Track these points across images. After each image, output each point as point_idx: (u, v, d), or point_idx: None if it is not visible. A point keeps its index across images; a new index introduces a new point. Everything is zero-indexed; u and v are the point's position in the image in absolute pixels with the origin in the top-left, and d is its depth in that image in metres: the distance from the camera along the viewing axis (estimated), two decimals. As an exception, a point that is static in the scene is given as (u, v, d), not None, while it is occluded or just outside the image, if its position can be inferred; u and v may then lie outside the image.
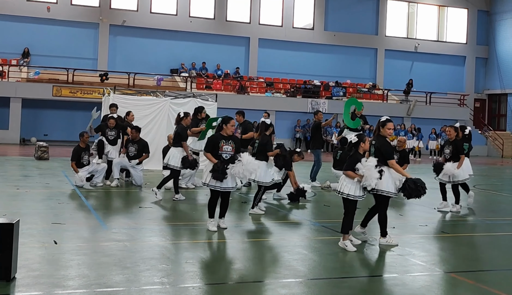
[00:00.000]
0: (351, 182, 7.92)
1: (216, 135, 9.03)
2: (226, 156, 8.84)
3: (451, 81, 39.90)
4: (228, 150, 8.86)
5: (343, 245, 7.90)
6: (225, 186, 8.78)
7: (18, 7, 31.00)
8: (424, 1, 39.41)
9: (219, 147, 8.83)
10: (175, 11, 33.97)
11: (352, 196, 7.91)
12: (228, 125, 8.91)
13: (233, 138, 9.01)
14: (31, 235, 8.00)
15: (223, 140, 8.87)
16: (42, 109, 30.16)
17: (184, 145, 11.80)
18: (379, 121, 8.50)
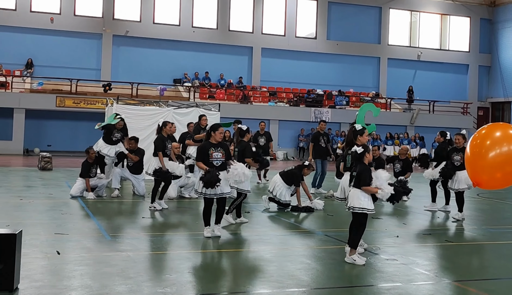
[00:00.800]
0: (362, 195, 7.69)
1: (204, 143, 9.09)
2: (217, 163, 8.91)
3: (454, 89, 39.91)
4: (218, 157, 8.94)
5: (351, 260, 7.69)
6: (218, 192, 8.84)
7: (22, 18, 31.14)
8: (427, 9, 39.49)
9: (209, 155, 8.88)
10: (178, 22, 34.08)
11: (366, 210, 7.72)
12: (217, 132, 9.01)
13: (222, 145, 9.10)
14: (34, 245, 8.00)
15: (212, 148, 8.96)
16: (45, 120, 30.22)
17: (159, 155, 11.75)
18: (355, 130, 8.19)
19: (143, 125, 17.35)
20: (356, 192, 7.71)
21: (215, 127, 9.10)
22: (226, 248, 8.56)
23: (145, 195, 13.74)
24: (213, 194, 8.84)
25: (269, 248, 8.72)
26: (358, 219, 7.78)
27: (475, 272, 7.77)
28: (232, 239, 9.20)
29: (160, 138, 11.93)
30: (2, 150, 27.79)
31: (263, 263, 7.65)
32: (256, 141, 17.95)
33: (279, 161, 30.80)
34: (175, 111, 18.08)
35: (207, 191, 8.80)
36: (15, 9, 31.21)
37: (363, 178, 7.64)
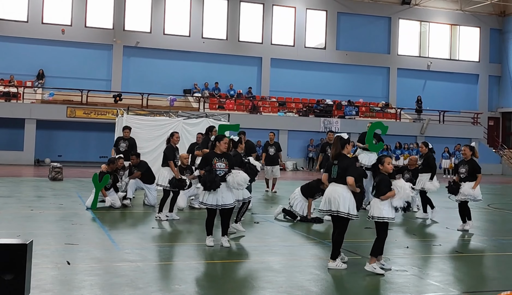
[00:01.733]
0: (383, 204, 7.84)
1: (208, 153, 9.19)
2: (220, 173, 8.95)
3: (465, 99, 39.80)
4: (221, 167, 8.98)
5: (371, 268, 7.73)
6: (218, 202, 8.89)
7: (33, 29, 31.43)
8: (436, 20, 39.48)
9: (212, 164, 8.92)
10: (188, 33, 34.27)
11: (386, 219, 7.85)
12: (221, 142, 9.09)
13: (226, 156, 9.14)
14: (45, 255, 8.03)
15: (216, 158, 9.02)
16: (56, 130, 30.41)
17: (170, 165, 11.82)
18: (342, 139, 8.05)
19: (153, 136, 17.46)
20: (376, 202, 7.94)
21: (219, 137, 9.21)
22: (235, 259, 8.57)
23: (156, 205, 13.78)
24: (215, 204, 8.89)
25: (278, 258, 8.71)
26: (379, 228, 7.93)
27: (486, 283, 7.72)
28: (241, 249, 9.20)
29: (169, 148, 12.05)
30: (13, 160, 27.96)
31: (272, 273, 7.64)
32: (266, 151, 18.18)
33: (288, 171, 30.79)
34: (185, 122, 18.18)
35: (209, 201, 8.87)
36: (27, 21, 31.51)
37: (382, 188, 7.88)
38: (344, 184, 7.81)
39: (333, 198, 7.81)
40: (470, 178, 11.47)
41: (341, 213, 7.76)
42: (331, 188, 7.96)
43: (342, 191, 7.80)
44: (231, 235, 9.98)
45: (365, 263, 7.95)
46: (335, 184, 7.90)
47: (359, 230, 11.70)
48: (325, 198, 7.99)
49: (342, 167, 7.84)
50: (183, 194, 13.40)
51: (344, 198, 7.76)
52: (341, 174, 7.82)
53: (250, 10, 35.59)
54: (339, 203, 7.75)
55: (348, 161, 7.94)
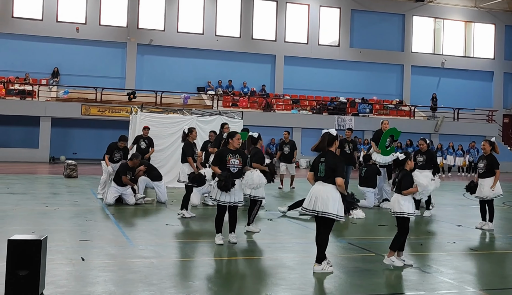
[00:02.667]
0: (404, 199, 7.93)
1: (222, 149, 9.18)
2: (234, 169, 8.97)
3: (479, 97, 39.53)
4: (235, 163, 9.00)
5: (389, 262, 7.84)
6: (231, 200, 8.91)
7: (48, 28, 31.62)
8: (451, 17, 39.21)
9: (226, 161, 8.95)
10: (201, 30, 34.31)
11: (406, 214, 7.93)
12: (234, 139, 9.11)
13: (240, 152, 9.16)
14: (59, 251, 8.10)
15: (230, 154, 9.04)
16: (71, 128, 30.60)
17: (189, 161, 11.85)
18: (330, 135, 7.72)
19: (167, 133, 17.54)
20: (397, 197, 8.02)
21: (232, 134, 9.22)
22: (249, 255, 8.58)
23: (167, 203, 13.85)
24: (227, 201, 8.91)
25: (291, 255, 8.71)
26: (400, 223, 8.00)
27: (501, 281, 7.66)
28: (254, 246, 9.21)
29: (187, 144, 12.12)
30: (29, 158, 28.17)
31: (285, 270, 7.64)
32: (281, 150, 18.36)
33: (302, 169, 30.74)
34: (199, 119, 18.22)
35: (221, 198, 8.89)
36: (41, 19, 31.70)
37: (405, 183, 7.95)
38: (332, 183, 7.44)
39: (320, 198, 7.43)
40: (489, 173, 11.37)
41: (330, 214, 7.41)
42: (318, 187, 7.54)
43: (331, 191, 7.44)
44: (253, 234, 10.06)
45: (379, 261, 7.93)
46: (323, 183, 7.50)
47: (373, 228, 11.68)
48: (310, 196, 7.58)
49: (330, 165, 7.46)
50: (196, 191, 13.45)
51: (334, 199, 7.42)
52: (329, 173, 7.44)
53: (263, 7, 35.57)
54: (328, 204, 7.40)
55: (337, 159, 7.57)
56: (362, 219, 12.44)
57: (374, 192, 14.63)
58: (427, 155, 13.24)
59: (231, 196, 8.91)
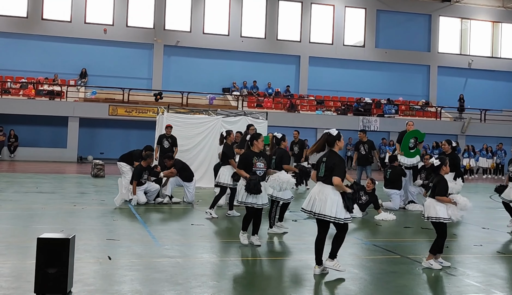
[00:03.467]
0: (439, 205, 7.93)
1: (247, 153, 9.10)
2: (260, 172, 8.95)
3: (507, 97, 38.97)
4: (261, 167, 8.99)
5: (427, 264, 7.84)
6: (260, 202, 8.89)
7: (77, 29, 32.02)
8: (478, 17, 38.76)
9: (252, 164, 8.92)
10: (227, 32, 34.43)
11: (442, 219, 7.93)
12: (259, 140, 9.05)
13: (264, 155, 9.15)
14: (87, 250, 8.22)
15: (255, 157, 9.00)
16: (98, 128, 30.94)
17: (231, 162, 11.91)
18: (330, 135, 7.55)
19: (193, 133, 17.69)
20: (432, 202, 8.02)
21: (256, 136, 9.16)
22: (274, 256, 8.61)
23: (194, 203, 13.94)
24: (255, 203, 8.88)
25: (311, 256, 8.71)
26: (437, 228, 7.99)
27: (528, 285, 7.59)
28: (279, 247, 9.24)
29: (228, 146, 12.23)
30: (57, 157, 28.57)
31: (310, 271, 7.65)
32: (292, 150, 18.23)
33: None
34: (224, 120, 18.30)
35: (248, 200, 8.86)
36: (70, 21, 32.11)
37: (440, 189, 7.96)
38: (332, 184, 7.31)
39: (318, 199, 7.32)
40: None
41: (326, 216, 7.28)
42: (317, 188, 7.45)
43: (330, 192, 7.30)
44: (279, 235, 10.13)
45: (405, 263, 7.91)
46: (322, 183, 7.40)
47: (399, 230, 11.63)
48: (309, 197, 7.51)
49: (329, 165, 7.32)
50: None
51: (332, 200, 7.27)
52: (328, 173, 7.31)
53: (288, 8, 35.55)
54: (325, 206, 7.27)
55: (336, 159, 7.37)
56: (391, 221, 12.40)
57: (400, 194, 14.55)
58: (451, 157, 13.07)
59: (257, 198, 8.88)
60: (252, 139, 9.12)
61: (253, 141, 9.09)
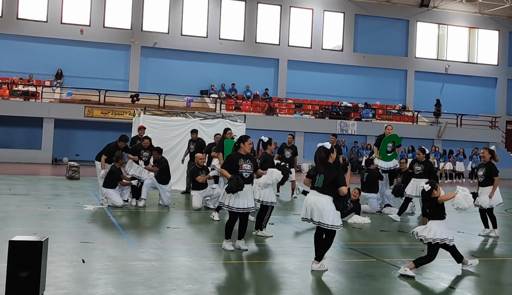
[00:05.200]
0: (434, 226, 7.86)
1: (234, 154, 8.97)
2: (246, 174, 8.81)
3: (482, 103, 39.49)
4: (247, 168, 8.84)
5: (402, 271, 7.73)
6: (242, 206, 8.76)
7: (53, 29, 31.71)
8: (455, 23, 39.21)
9: (238, 166, 8.80)
10: (205, 34, 34.36)
11: (439, 240, 7.85)
12: (246, 143, 8.91)
13: (251, 157, 9.02)
14: (60, 253, 8.09)
15: (241, 159, 8.85)
16: (74, 129, 30.66)
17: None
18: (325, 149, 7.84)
19: (170, 136, 17.57)
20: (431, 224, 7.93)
21: (243, 138, 9.00)
22: (250, 260, 8.56)
23: (170, 206, 13.83)
24: (241, 208, 8.75)
25: (292, 260, 8.70)
26: (430, 249, 7.89)
27: (503, 289, 7.64)
28: (256, 251, 9.20)
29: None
30: (32, 159, 28.22)
31: (286, 275, 7.63)
32: (282, 153, 17.67)
33: (304, 173, 30.73)
34: (202, 122, 18.23)
35: (236, 205, 8.71)
36: (46, 20, 31.81)
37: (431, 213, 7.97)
38: (328, 194, 7.70)
39: (316, 208, 7.72)
40: (488, 181, 11.40)
41: (325, 225, 7.71)
42: (314, 198, 7.81)
43: (326, 202, 7.70)
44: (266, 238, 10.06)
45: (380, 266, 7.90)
46: (319, 193, 7.76)
47: (375, 233, 11.66)
48: (306, 207, 7.89)
49: (330, 177, 7.69)
50: (198, 195, 13.47)
51: (329, 210, 7.68)
52: (328, 185, 7.69)
53: (267, 11, 35.62)
54: (322, 215, 7.68)
55: (336, 171, 7.80)
56: (366, 224, 12.44)
57: (376, 197, 14.61)
58: (425, 165, 13.26)
59: (244, 202, 8.74)
60: (240, 141, 8.99)
61: (240, 144, 8.98)
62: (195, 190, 13.62)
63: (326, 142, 8.00)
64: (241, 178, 8.68)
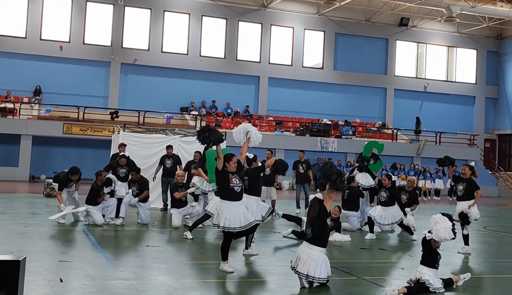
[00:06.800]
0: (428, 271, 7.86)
1: (223, 170, 8.83)
2: (237, 189, 8.71)
3: (461, 121, 39.93)
4: (237, 183, 8.76)
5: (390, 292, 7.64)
6: (239, 225, 8.59)
7: (32, 45, 31.50)
8: (433, 41, 39.71)
9: (229, 180, 8.71)
10: (186, 51, 34.38)
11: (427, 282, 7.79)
12: (231, 163, 8.81)
13: (238, 173, 8.97)
14: (38, 272, 7.95)
15: (230, 174, 8.79)
16: (52, 146, 30.34)
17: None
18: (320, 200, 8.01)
19: (149, 153, 17.44)
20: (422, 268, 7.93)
21: (228, 157, 8.85)
22: (230, 278, 8.49)
23: (149, 224, 13.70)
24: (238, 226, 8.56)
25: (273, 278, 8.64)
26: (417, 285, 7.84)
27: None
28: (236, 269, 9.12)
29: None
30: (9, 176, 27.85)
31: (267, 293, 7.56)
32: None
33: (284, 190, 30.73)
34: (182, 140, 18.14)
35: (229, 225, 8.52)
36: (25, 37, 31.60)
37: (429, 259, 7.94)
38: (318, 245, 7.80)
39: (302, 259, 7.77)
40: (467, 196, 11.52)
41: (309, 277, 7.69)
42: (304, 249, 7.89)
43: (315, 255, 7.75)
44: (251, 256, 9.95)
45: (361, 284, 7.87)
46: (309, 244, 7.86)
47: (355, 251, 11.64)
48: (297, 255, 7.94)
49: (318, 229, 7.86)
50: (178, 213, 13.37)
51: (316, 263, 7.70)
52: (316, 235, 7.82)
53: (248, 29, 35.77)
54: (308, 267, 7.68)
55: (323, 225, 7.95)
56: (346, 242, 12.43)
57: (357, 215, 14.60)
58: (390, 191, 13.37)
59: (240, 220, 8.57)
60: (225, 161, 8.83)
61: (225, 163, 8.82)
62: (174, 207, 13.52)
63: (318, 193, 8.10)
64: (233, 192, 8.63)
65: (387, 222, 13.37)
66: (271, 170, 10.57)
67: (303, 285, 7.80)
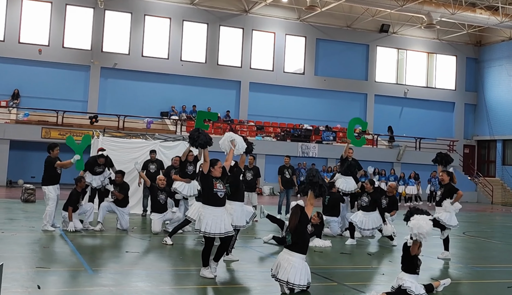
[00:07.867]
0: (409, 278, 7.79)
1: (207, 174, 8.80)
2: (221, 194, 8.68)
3: (441, 127, 40.25)
4: (221, 188, 8.72)
5: None
6: (219, 231, 8.54)
7: (10, 48, 31.14)
8: (413, 48, 40.02)
9: (213, 184, 8.66)
10: (166, 55, 34.25)
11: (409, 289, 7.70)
12: (216, 167, 8.80)
13: (222, 179, 8.92)
14: (15, 279, 7.83)
15: (214, 179, 8.74)
16: (30, 151, 29.97)
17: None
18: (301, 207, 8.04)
19: (129, 158, 17.28)
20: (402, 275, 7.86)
21: (213, 162, 8.84)
22: (210, 284, 8.42)
23: (129, 230, 13.58)
24: (218, 233, 8.52)
25: (254, 284, 8.60)
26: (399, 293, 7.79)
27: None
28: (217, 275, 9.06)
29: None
30: (-14, 181, 27.48)
31: (247, 300, 7.53)
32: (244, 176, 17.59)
33: (265, 196, 30.71)
34: (162, 145, 18.03)
35: (210, 230, 8.47)
36: (3, 40, 31.24)
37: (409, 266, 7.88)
38: (298, 252, 7.84)
39: (282, 266, 7.80)
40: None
41: (290, 283, 7.70)
42: (284, 256, 7.91)
43: (294, 261, 7.78)
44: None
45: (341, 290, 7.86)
46: (289, 251, 7.88)
47: (336, 256, 11.64)
48: (277, 262, 7.96)
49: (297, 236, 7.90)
50: (158, 218, 13.27)
51: (296, 269, 7.73)
52: (296, 241, 7.86)
53: (229, 34, 35.74)
54: (288, 274, 7.70)
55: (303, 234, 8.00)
56: (328, 247, 12.42)
57: (338, 221, 14.61)
58: (372, 196, 13.42)
59: (221, 226, 8.52)
60: (210, 166, 8.81)
61: (210, 168, 8.80)
62: (154, 212, 13.42)
63: (300, 200, 8.15)
64: (216, 197, 8.59)
65: (367, 227, 13.41)
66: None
67: (284, 292, 7.77)
